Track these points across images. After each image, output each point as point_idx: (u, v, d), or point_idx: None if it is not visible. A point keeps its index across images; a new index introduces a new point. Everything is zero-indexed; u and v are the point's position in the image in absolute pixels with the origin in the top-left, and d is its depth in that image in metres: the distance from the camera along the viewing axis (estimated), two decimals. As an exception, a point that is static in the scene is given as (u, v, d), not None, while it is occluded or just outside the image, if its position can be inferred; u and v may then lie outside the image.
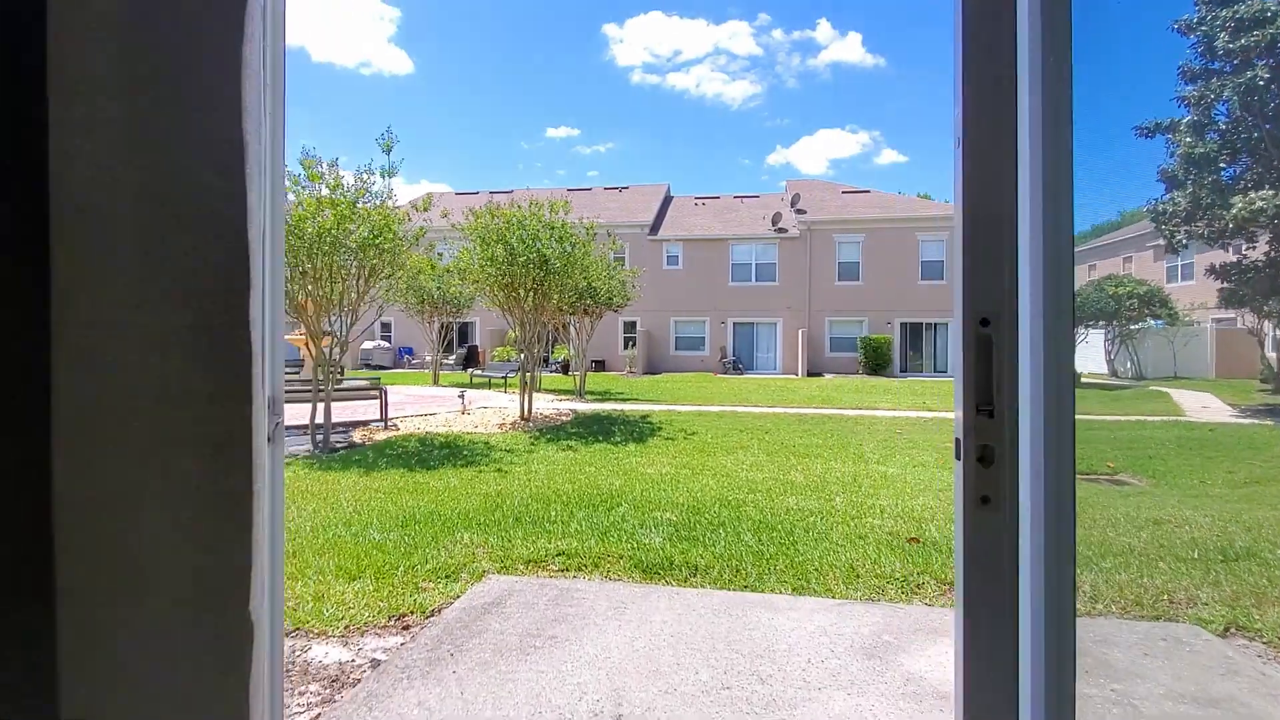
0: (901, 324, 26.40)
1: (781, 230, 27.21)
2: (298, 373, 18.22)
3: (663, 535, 4.40)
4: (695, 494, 6.12)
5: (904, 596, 3.35)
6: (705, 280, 27.79)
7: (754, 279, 27.59)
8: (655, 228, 28.78)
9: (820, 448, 9.44)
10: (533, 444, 9.37)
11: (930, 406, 14.60)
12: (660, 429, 10.84)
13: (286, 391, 9.08)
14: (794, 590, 3.38)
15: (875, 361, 24.99)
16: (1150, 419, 12.48)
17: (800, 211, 27.52)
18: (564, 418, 12.30)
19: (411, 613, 2.99)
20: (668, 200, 32.86)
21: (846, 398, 16.66)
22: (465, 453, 8.56)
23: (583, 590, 3.19)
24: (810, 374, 25.59)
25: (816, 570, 3.68)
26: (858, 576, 3.59)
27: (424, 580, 3.41)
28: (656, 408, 13.86)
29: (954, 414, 1.16)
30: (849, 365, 26.31)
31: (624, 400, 15.79)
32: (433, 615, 2.97)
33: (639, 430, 10.70)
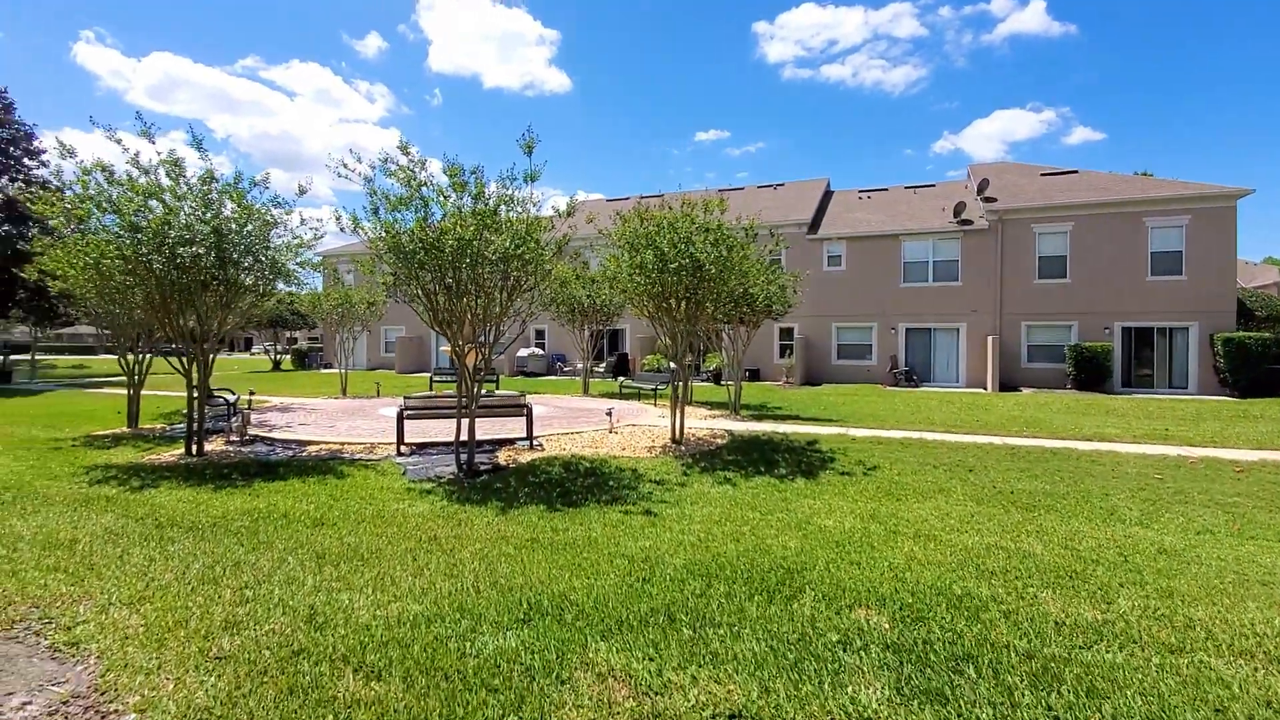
0: (1124, 329, 21.94)
1: (965, 222, 23.82)
2: (453, 382, 18.69)
3: (882, 677, 2.96)
4: (901, 573, 4.56)
5: None
6: (872, 281, 25.10)
7: (931, 279, 24.42)
8: (814, 225, 26.58)
9: (1050, 497, 7.28)
10: (685, 474, 8.20)
11: (1179, 437, 11.43)
12: (833, 460, 9.19)
13: (438, 408, 8.58)
14: None
15: (1089, 374, 20.92)
16: None
17: (989, 200, 23.93)
18: (718, 440, 11.03)
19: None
20: (828, 195, 30.43)
21: (1059, 421, 13.70)
22: (611, 483, 7.58)
23: None
24: (1003, 387, 22.06)
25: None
26: None
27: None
28: (823, 430, 12.12)
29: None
30: (1053, 378, 22.36)
31: (783, 417, 14.18)
32: None
33: (806, 460, 9.14)
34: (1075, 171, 26.25)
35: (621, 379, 20.47)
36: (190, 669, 2.90)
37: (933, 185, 29.94)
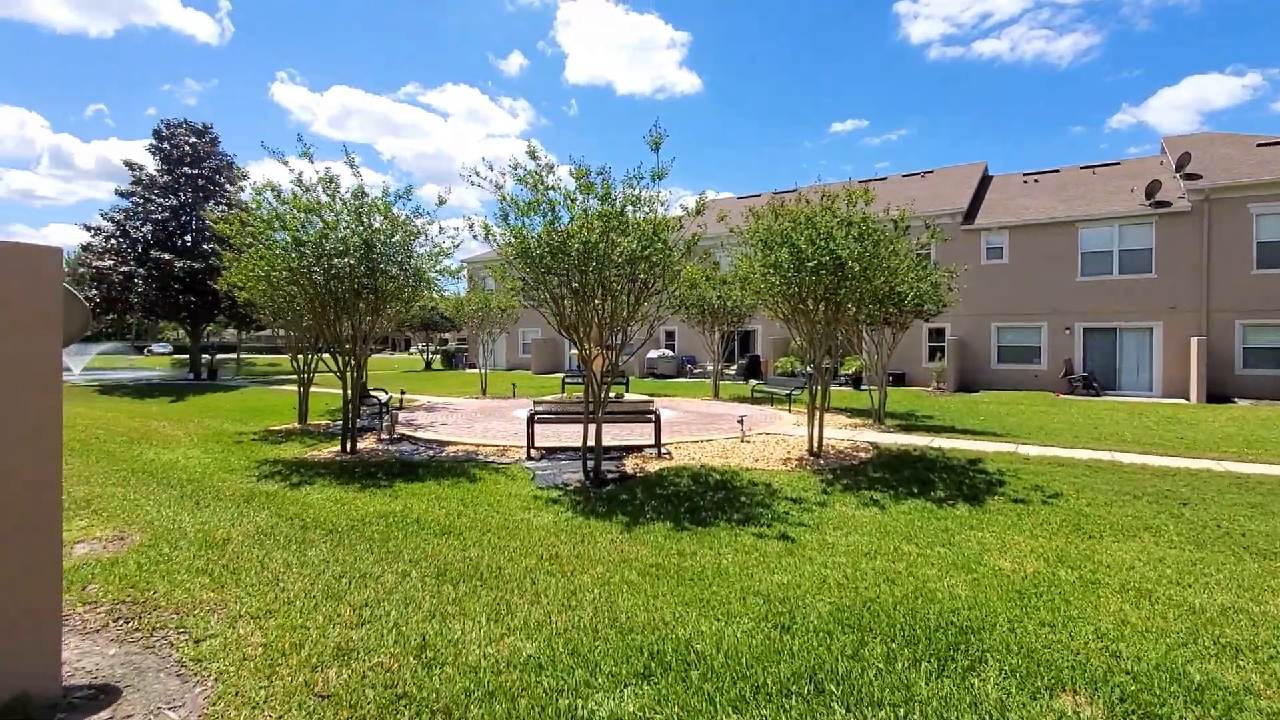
0: (1383, 327, 17.73)
1: (1160, 204, 20.43)
2: (583, 385, 18.84)
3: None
4: (1113, 643, 3.62)
5: None
6: (1041, 275, 22.26)
7: (1115, 271, 21.19)
8: (971, 215, 24.08)
9: (1302, 544, 5.71)
10: (825, 492, 7.43)
11: None
12: (1002, 483, 7.96)
13: (567, 412, 8.45)
14: None
15: (1333, 383, 17.10)
16: None
17: (1190, 177, 20.35)
18: (861, 453, 10.05)
19: None
20: (985, 181, 27.56)
21: (1298, 442, 11.15)
22: (743, 499, 7.02)
23: None
24: (1212, 398, 18.64)
25: None
26: None
27: None
28: (986, 446, 10.69)
29: None
30: (1278, 387, 18.56)
31: (935, 429, 12.77)
32: None
33: (969, 482, 7.99)
34: (1311, 137, 21.67)
35: (753, 382, 19.71)
36: (293, 707, 2.78)
37: (1115, 164, 26.11)
